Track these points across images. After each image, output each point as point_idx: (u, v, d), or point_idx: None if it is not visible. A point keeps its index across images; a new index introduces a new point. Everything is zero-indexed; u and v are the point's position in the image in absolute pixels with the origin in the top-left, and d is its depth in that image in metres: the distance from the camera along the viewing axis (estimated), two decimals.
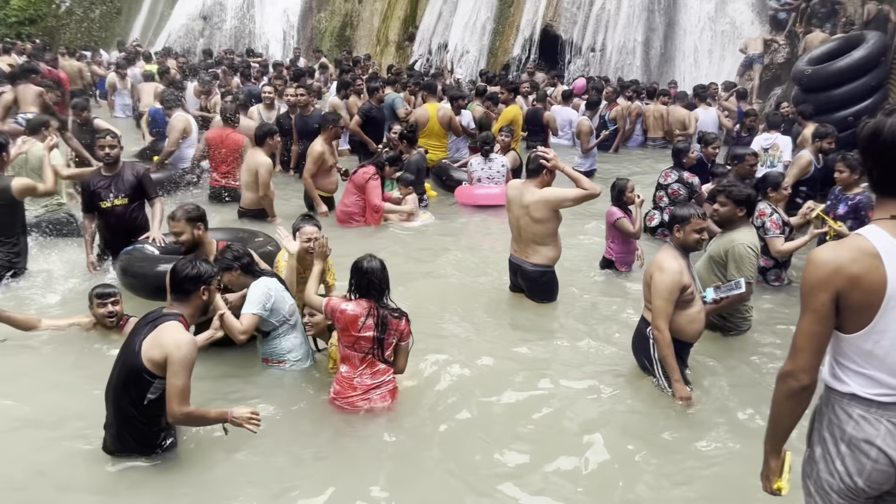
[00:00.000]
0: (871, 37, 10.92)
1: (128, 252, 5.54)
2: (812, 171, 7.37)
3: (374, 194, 7.60)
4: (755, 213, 5.49)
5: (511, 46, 18.17)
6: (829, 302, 2.01)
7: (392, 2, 21.25)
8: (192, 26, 21.62)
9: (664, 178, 7.21)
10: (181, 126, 8.91)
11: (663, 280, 4.04)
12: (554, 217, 5.36)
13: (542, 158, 5.28)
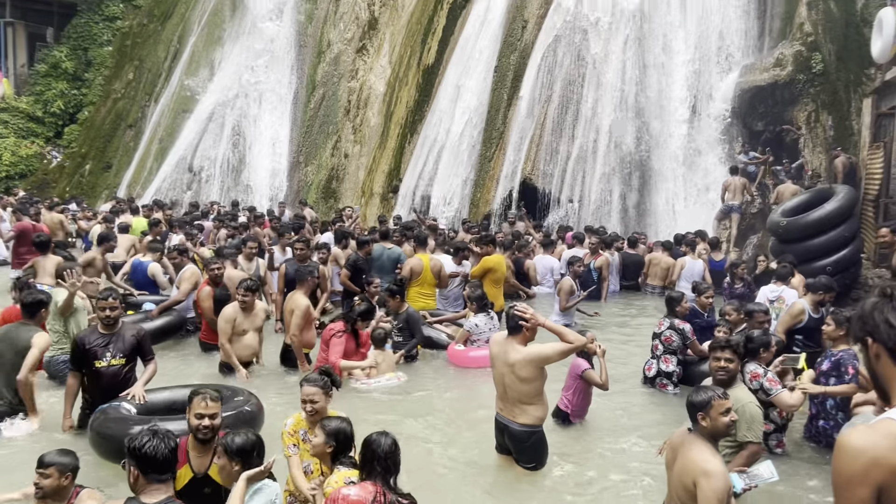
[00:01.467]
0: (841, 190, 11.38)
1: (103, 410, 5.27)
2: (806, 320, 7.33)
3: (333, 351, 7.37)
4: (747, 376, 5.36)
5: (492, 198, 18.68)
6: (868, 499, 1.77)
7: (377, 156, 22.05)
8: (181, 179, 22.17)
9: (658, 326, 7.20)
10: (194, 279, 9.06)
11: (713, 487, 3.45)
12: (540, 375, 5.16)
13: (521, 318, 5.15)
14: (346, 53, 24.34)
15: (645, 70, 18.01)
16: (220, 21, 24.96)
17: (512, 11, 19.96)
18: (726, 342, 4.79)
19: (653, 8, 18.47)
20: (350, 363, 7.44)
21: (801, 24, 16.63)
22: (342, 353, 7.39)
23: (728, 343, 4.78)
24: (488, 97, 19.62)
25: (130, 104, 24.13)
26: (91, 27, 25.25)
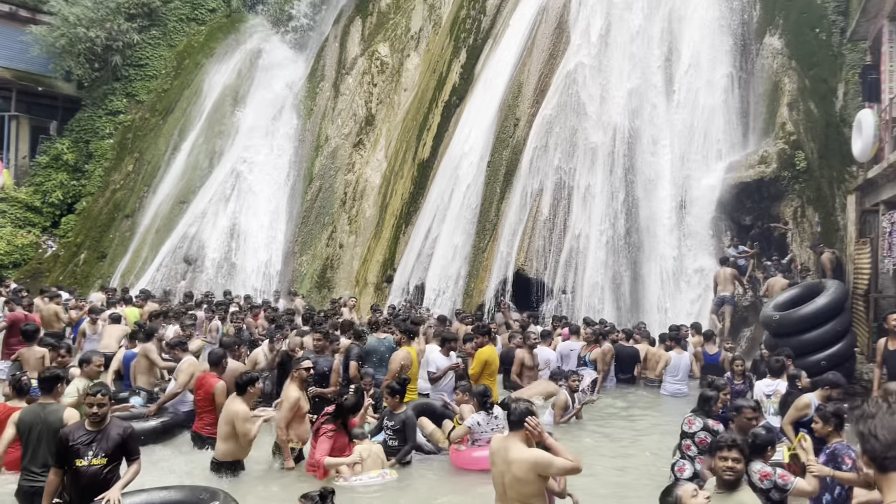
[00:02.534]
0: (831, 284, 11.54)
1: None
2: (811, 414, 7.27)
3: (320, 448, 7.22)
4: (755, 477, 5.28)
5: (485, 288, 18.77)
6: None
7: (372, 246, 22.29)
8: (175, 269, 22.24)
9: (688, 425, 6.93)
10: (191, 370, 8.97)
11: None
12: (539, 478, 5.09)
13: (529, 428, 5.12)
14: (344, 148, 24.97)
15: (633, 165, 18.51)
16: (220, 116, 25.68)
17: (504, 110, 20.65)
18: (733, 441, 4.66)
19: (640, 107, 19.16)
20: (335, 460, 7.27)
21: (784, 124, 17.27)
22: (329, 450, 7.24)
23: (735, 442, 4.66)
24: (481, 190, 20.03)
25: (129, 195, 24.49)
26: (94, 121, 25.91)
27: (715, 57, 19.42)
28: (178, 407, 9.18)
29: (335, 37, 28.56)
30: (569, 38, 20.86)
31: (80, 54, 25.21)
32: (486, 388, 8.18)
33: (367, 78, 26.15)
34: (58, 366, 7.61)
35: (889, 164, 11.73)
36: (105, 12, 25.12)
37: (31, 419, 6.13)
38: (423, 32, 26.55)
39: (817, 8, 18.30)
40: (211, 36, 27.39)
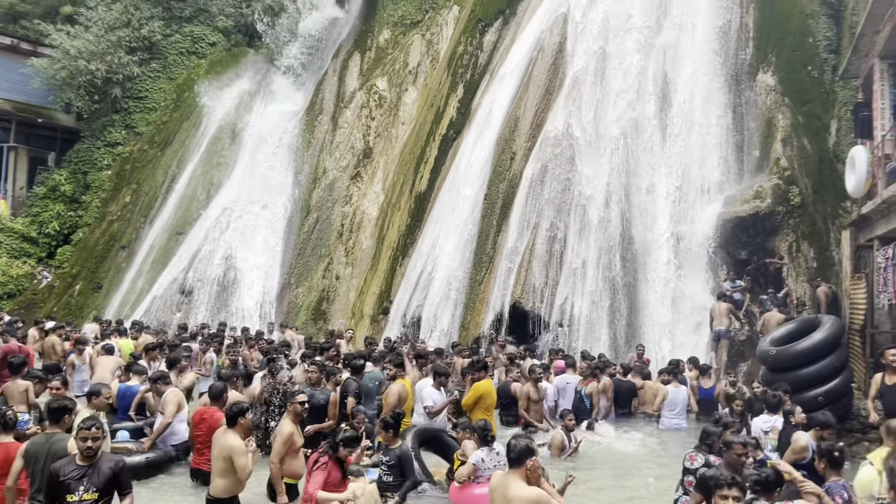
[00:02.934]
0: (827, 320, 11.55)
1: None
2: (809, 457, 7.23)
3: (313, 482, 7.01)
4: None
5: (482, 321, 18.74)
6: None
7: (368, 278, 22.28)
8: (171, 300, 22.18)
9: (690, 461, 6.86)
10: (176, 400, 8.88)
11: None
12: None
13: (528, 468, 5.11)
14: (341, 180, 25.11)
15: (629, 199, 18.61)
16: (219, 148, 25.83)
17: (501, 144, 20.83)
18: (733, 479, 4.62)
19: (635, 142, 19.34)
20: (327, 495, 7.14)
21: (778, 160, 17.43)
22: (322, 483, 7.12)
23: (734, 480, 4.63)
24: (478, 223, 20.11)
25: (125, 226, 24.50)
26: (92, 152, 26.02)
27: (709, 93, 19.66)
28: (165, 440, 9.02)
29: (334, 71, 28.90)
30: (564, 75, 21.13)
31: (81, 86, 25.41)
32: (486, 423, 8.04)
33: (366, 111, 26.39)
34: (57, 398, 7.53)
35: (883, 200, 11.82)
36: (106, 45, 25.38)
37: (36, 449, 6.13)
38: (420, 67, 26.88)
39: (809, 46, 18.60)
40: (211, 69, 27.67)
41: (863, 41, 14.55)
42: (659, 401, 12.55)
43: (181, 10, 28.13)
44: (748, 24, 20.35)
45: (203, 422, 8.10)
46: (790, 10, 19.26)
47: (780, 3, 19.63)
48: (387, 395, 9.80)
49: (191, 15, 28.33)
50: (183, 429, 9.10)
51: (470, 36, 24.74)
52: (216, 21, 28.64)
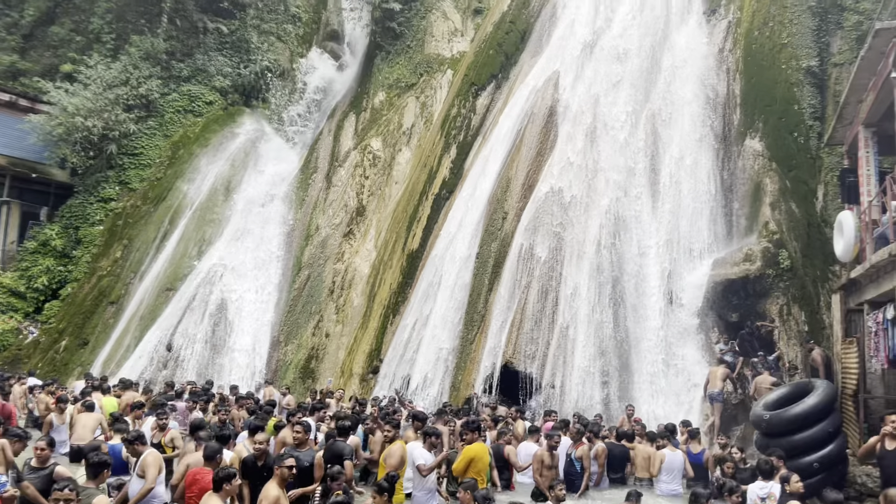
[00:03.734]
0: (820, 384, 11.50)
1: None
2: None
3: None
4: None
5: (473, 381, 18.54)
6: None
7: (359, 336, 22.11)
8: (157, 357, 21.88)
9: None
10: (158, 463, 8.66)
11: None
12: None
13: None
14: (334, 237, 25.17)
15: (620, 261, 18.71)
16: (212, 205, 25.93)
17: (493, 203, 21.02)
18: None
19: (625, 205, 19.55)
20: None
21: (767, 223, 17.64)
22: None
23: None
24: (470, 282, 20.11)
25: (115, 281, 24.36)
26: (85, 207, 26.04)
27: (698, 156, 20.03)
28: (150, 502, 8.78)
29: (329, 131, 29.32)
30: (555, 138, 21.52)
31: (77, 143, 25.59)
32: (488, 492, 7.92)
33: (360, 170, 26.67)
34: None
35: (871, 265, 11.91)
36: (104, 103, 25.69)
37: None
38: (414, 128, 27.33)
39: (795, 113, 19.04)
40: (207, 127, 28.01)
41: (847, 109, 14.91)
42: (658, 465, 12.31)
43: (180, 70, 28.64)
44: (735, 90, 20.89)
45: (195, 483, 7.89)
46: (776, 78, 19.79)
47: (765, 71, 20.17)
48: (388, 457, 9.60)
49: (189, 75, 28.83)
50: (161, 491, 8.84)
51: (463, 99, 25.24)
52: (214, 81, 29.14)
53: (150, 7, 28.25)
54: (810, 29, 20.01)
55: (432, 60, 29.33)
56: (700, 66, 21.84)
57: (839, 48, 19.64)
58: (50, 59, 28.61)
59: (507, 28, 26.44)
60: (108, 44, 27.80)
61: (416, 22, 30.47)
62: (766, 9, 21.11)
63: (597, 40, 23.70)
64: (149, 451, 8.97)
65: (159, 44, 27.81)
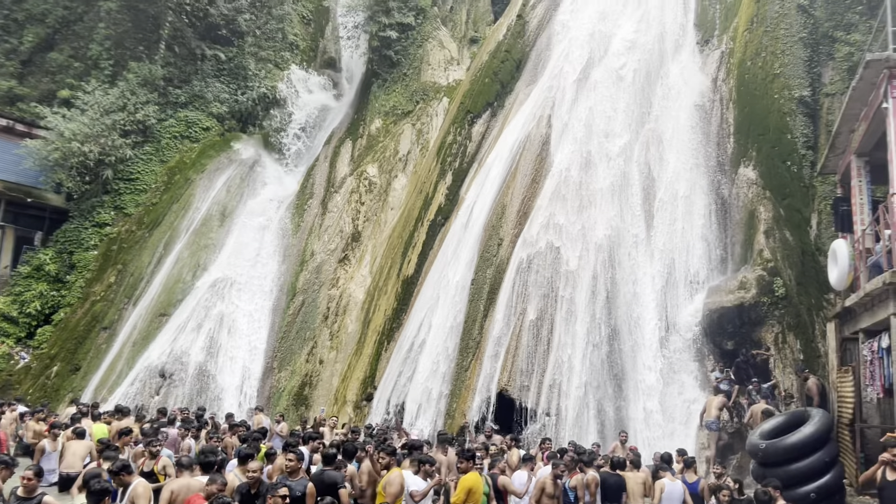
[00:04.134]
0: (816, 413, 11.44)
1: None
2: None
3: None
4: None
5: (467, 409, 18.41)
6: None
7: (353, 363, 21.99)
8: (150, 383, 21.70)
9: None
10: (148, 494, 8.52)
11: None
12: None
13: None
14: (329, 263, 25.14)
15: (615, 289, 18.70)
16: (207, 230, 25.91)
17: (488, 230, 21.05)
18: None
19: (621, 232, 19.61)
20: None
21: (761, 251, 17.69)
22: None
23: None
24: (465, 308, 20.06)
25: (108, 307, 24.22)
26: (80, 232, 25.97)
27: (692, 184, 20.14)
28: None
29: (326, 157, 29.44)
30: (550, 165, 21.64)
31: (73, 168, 25.61)
32: None
33: (356, 196, 26.74)
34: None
35: (866, 294, 11.93)
36: (101, 128, 25.76)
37: None
38: (410, 155, 27.46)
39: (788, 142, 19.19)
40: (203, 153, 28.08)
41: (839, 139, 15.04)
42: (658, 496, 12.15)
43: (177, 96, 28.79)
44: (729, 119, 21.08)
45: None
46: (768, 107, 19.98)
47: (758, 101, 20.38)
48: (389, 485, 9.48)
49: (186, 101, 28.99)
50: None
51: (459, 126, 25.40)
52: (211, 107, 29.30)
53: (148, 34, 28.48)
54: (802, 60, 20.26)
55: (428, 88, 29.56)
56: (694, 95, 22.06)
57: (831, 79, 19.88)
58: (48, 85, 28.75)
59: (503, 57, 26.72)
60: (106, 70, 27.96)
61: (412, 50, 30.76)
62: (759, 39, 21.38)
63: (591, 70, 23.94)
64: (138, 481, 8.81)
65: (157, 70, 27.99)
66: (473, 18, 33.25)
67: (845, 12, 20.37)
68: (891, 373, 10.63)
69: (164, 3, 28.07)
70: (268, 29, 31.66)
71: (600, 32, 25.16)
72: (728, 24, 23.60)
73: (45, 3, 28.82)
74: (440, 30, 31.40)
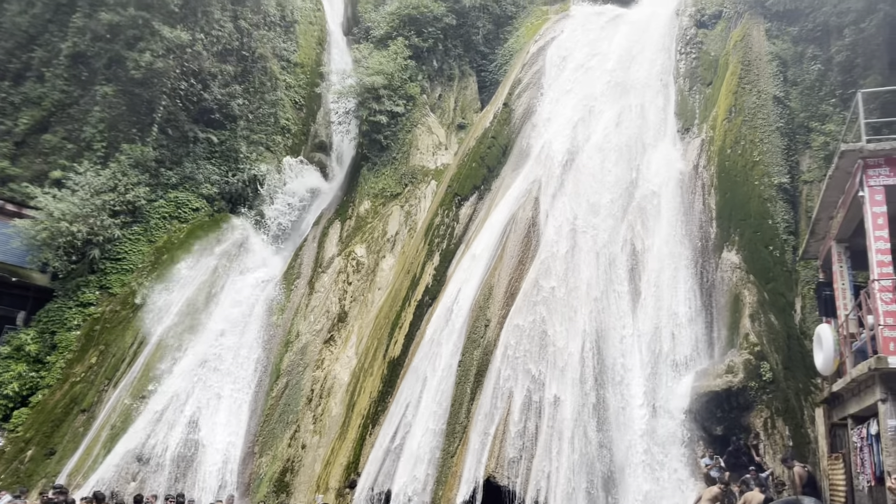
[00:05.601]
0: (809, 502, 11.22)
1: None
2: None
3: None
4: None
5: (454, 496, 17.94)
6: None
7: (336, 448, 21.48)
8: (127, 469, 21.03)
9: None
10: None
11: None
12: None
13: None
14: (314, 344, 24.90)
15: (603, 372, 18.61)
16: (192, 311, 25.72)
17: (476, 311, 21.05)
18: None
19: (608, 315, 19.66)
20: None
21: (747, 335, 17.73)
22: None
23: None
24: (451, 391, 19.81)
25: (88, 388, 23.71)
26: (63, 312, 25.69)
27: (677, 268, 20.33)
28: None
29: (314, 237, 29.62)
30: (537, 246, 21.87)
31: (60, 247, 25.58)
32: None
33: (343, 276, 26.76)
34: None
35: (852, 379, 11.92)
36: (91, 209, 25.89)
37: None
38: (398, 236, 27.69)
39: (769, 228, 19.56)
40: (192, 233, 28.18)
41: (818, 225, 15.36)
42: None
43: (168, 177, 29.11)
44: (711, 205, 21.51)
45: None
46: (749, 194, 20.45)
47: (739, 187, 20.87)
48: None
49: (177, 182, 29.29)
50: None
51: (447, 208, 25.76)
52: (201, 188, 29.60)
53: (142, 117, 29.03)
54: (780, 148, 20.91)
55: (417, 171, 30.09)
56: (676, 180, 22.57)
57: (808, 166, 20.48)
58: (40, 166, 29.02)
59: (490, 143, 27.39)
60: (98, 151, 28.32)
61: (402, 135, 31.46)
62: (738, 129, 22.09)
63: (576, 156, 24.54)
64: None
65: (149, 152, 28.39)
66: (461, 106, 34.22)
67: (819, 104, 21.19)
68: (881, 460, 10.52)
69: (159, 88, 28.74)
70: (260, 113, 32.38)
71: (583, 121, 25.93)
72: (707, 113, 24.40)
73: (43, 87, 29.42)
74: (429, 116, 32.23)
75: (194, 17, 29.05)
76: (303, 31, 36.14)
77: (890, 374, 11.06)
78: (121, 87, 28.50)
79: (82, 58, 29.09)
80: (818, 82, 21.96)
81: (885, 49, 19.61)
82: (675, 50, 27.33)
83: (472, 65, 35.55)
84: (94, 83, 28.80)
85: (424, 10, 32.96)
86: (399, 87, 31.45)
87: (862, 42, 19.79)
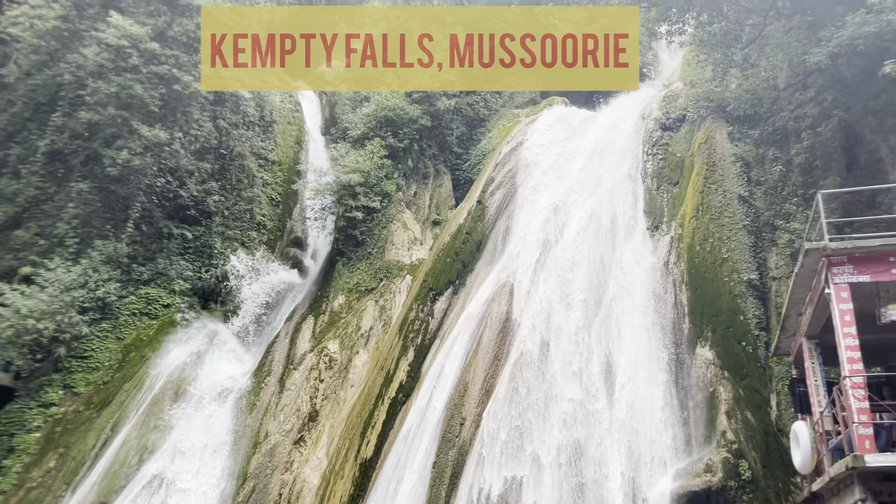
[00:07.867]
0: None
1: None
2: None
3: None
4: None
5: None
6: None
7: None
8: None
9: None
10: None
11: None
12: None
13: None
14: (283, 445, 24.12)
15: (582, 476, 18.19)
16: (158, 410, 24.92)
17: (450, 409, 20.68)
18: None
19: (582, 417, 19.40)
20: None
21: (724, 432, 17.54)
22: None
23: None
24: (426, 495, 19.17)
25: (45, 494, 22.54)
26: (24, 413, 24.71)
27: (651, 365, 20.28)
28: None
29: (286, 333, 29.25)
30: (512, 342, 21.78)
31: (25, 345, 24.93)
32: None
33: (315, 373, 26.27)
34: None
35: (831, 479, 11.76)
36: (59, 305, 25.42)
37: None
38: (373, 331, 27.43)
39: (741, 324, 19.72)
40: (161, 330, 27.67)
41: (788, 322, 15.53)
42: None
43: (140, 273, 28.81)
44: (682, 300, 21.72)
45: None
46: (720, 290, 20.72)
47: (709, 283, 21.16)
48: None
49: (149, 278, 28.97)
50: None
51: (421, 303, 25.71)
52: (173, 284, 29.28)
53: (117, 213, 29.01)
54: (747, 245, 21.38)
55: (392, 266, 30.18)
56: (647, 277, 22.84)
57: (776, 263, 20.90)
58: (10, 262, 28.63)
59: (464, 238, 27.71)
60: (70, 247, 28.07)
61: (377, 231, 31.73)
62: (706, 226, 22.62)
63: (549, 252, 24.85)
64: None
65: (122, 248, 28.21)
66: (436, 203, 34.78)
67: (783, 203, 21.86)
68: None
69: (135, 184, 28.88)
70: (236, 209, 32.56)
71: (555, 220, 26.42)
72: (676, 211, 25.02)
73: (18, 183, 29.42)
74: (404, 212, 32.65)
75: (173, 117, 29.54)
76: (281, 131, 36.91)
77: (867, 474, 10.93)
78: (97, 184, 28.60)
79: (59, 155, 29.26)
80: (780, 182, 22.71)
81: (842, 152, 20.47)
82: (642, 151, 28.27)
83: (447, 164, 36.38)
84: (69, 180, 28.87)
85: (400, 112, 33.94)
86: (375, 185, 31.98)
87: (819, 145, 20.64)
